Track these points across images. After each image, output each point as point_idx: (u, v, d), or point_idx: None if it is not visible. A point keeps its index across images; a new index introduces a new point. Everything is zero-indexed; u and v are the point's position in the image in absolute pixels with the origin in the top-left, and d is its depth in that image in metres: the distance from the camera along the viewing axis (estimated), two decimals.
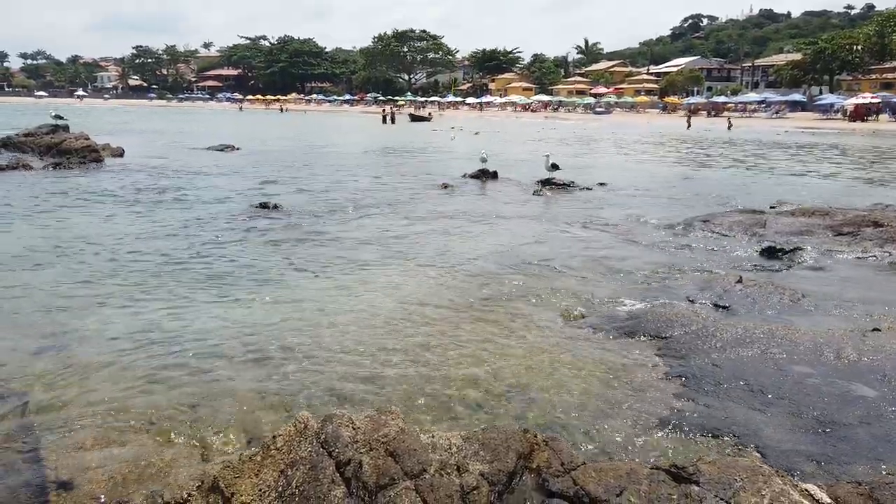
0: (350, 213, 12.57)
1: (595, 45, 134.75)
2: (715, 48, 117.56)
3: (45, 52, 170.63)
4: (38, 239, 9.77)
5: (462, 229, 11.16)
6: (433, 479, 2.96)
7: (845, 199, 15.01)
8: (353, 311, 6.63)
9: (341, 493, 2.95)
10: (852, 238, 9.97)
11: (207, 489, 3.22)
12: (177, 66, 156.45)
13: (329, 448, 3.19)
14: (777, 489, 2.79)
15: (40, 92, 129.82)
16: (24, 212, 11.96)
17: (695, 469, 2.97)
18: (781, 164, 25.14)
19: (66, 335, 5.88)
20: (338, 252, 9.30)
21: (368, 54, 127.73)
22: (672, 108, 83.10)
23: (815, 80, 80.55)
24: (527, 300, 7.10)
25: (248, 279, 7.82)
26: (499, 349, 5.68)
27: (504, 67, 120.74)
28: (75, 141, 20.99)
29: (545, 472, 3.11)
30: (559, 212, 13.27)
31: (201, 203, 13.45)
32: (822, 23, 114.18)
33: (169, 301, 6.90)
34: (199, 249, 9.30)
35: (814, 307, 6.79)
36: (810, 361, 5.31)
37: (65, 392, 4.76)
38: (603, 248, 9.74)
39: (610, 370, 5.27)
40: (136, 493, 3.57)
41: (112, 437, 4.14)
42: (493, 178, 17.95)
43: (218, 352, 5.54)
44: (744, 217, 11.79)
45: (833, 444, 4.09)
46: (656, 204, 14.33)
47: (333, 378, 5.07)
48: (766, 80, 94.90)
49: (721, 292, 7.21)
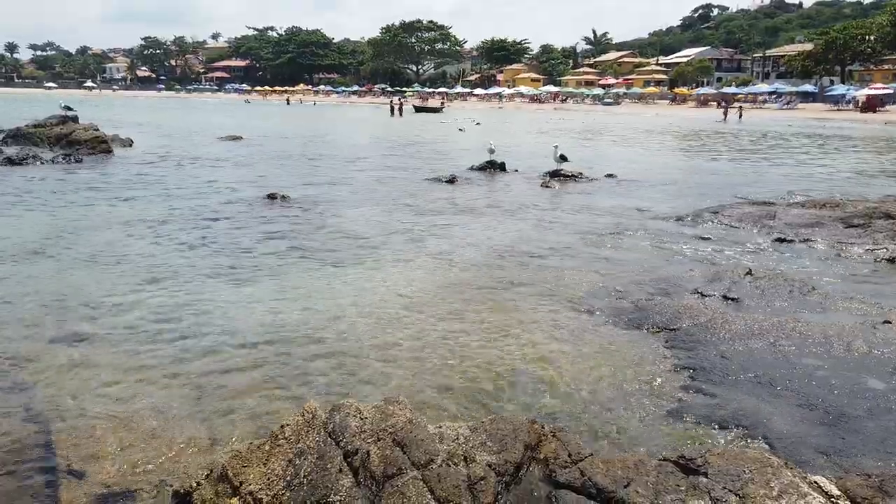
0: (356, 206, 12.57)
1: (604, 35, 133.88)
2: (725, 38, 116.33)
3: (54, 44, 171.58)
4: (44, 226, 9.83)
5: (469, 221, 11.13)
6: (440, 469, 2.97)
7: (856, 191, 14.89)
8: (359, 302, 6.64)
9: (349, 483, 2.96)
10: (863, 230, 9.89)
11: (216, 478, 3.24)
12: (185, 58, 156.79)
13: (337, 438, 3.20)
14: (786, 481, 2.77)
15: (50, 83, 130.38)
16: (34, 201, 12.02)
17: (703, 460, 2.96)
18: (792, 154, 24.94)
19: (77, 324, 5.91)
20: (344, 243, 9.30)
21: (376, 45, 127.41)
22: (682, 99, 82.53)
23: (826, 70, 79.68)
24: (534, 292, 7.08)
25: (256, 270, 7.84)
26: (506, 340, 5.67)
27: (512, 58, 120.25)
28: (85, 132, 21.07)
29: (552, 463, 3.10)
30: (567, 203, 13.22)
31: (209, 193, 13.48)
32: (834, 13, 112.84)
33: (177, 291, 6.92)
34: (207, 241, 9.32)
35: (823, 299, 6.74)
36: (820, 354, 5.28)
37: (76, 382, 4.79)
38: (611, 240, 9.70)
39: (618, 361, 5.26)
40: (145, 481, 3.60)
41: (122, 426, 4.17)
42: (500, 169, 17.88)
43: (226, 341, 5.56)
44: (754, 209, 11.71)
45: (842, 437, 4.07)
46: (665, 195, 14.25)
47: (341, 368, 5.08)
48: (778, 70, 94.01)
49: (730, 284, 7.17)
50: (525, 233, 10.21)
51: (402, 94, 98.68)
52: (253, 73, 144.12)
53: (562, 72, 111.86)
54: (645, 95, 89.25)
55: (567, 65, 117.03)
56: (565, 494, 2.94)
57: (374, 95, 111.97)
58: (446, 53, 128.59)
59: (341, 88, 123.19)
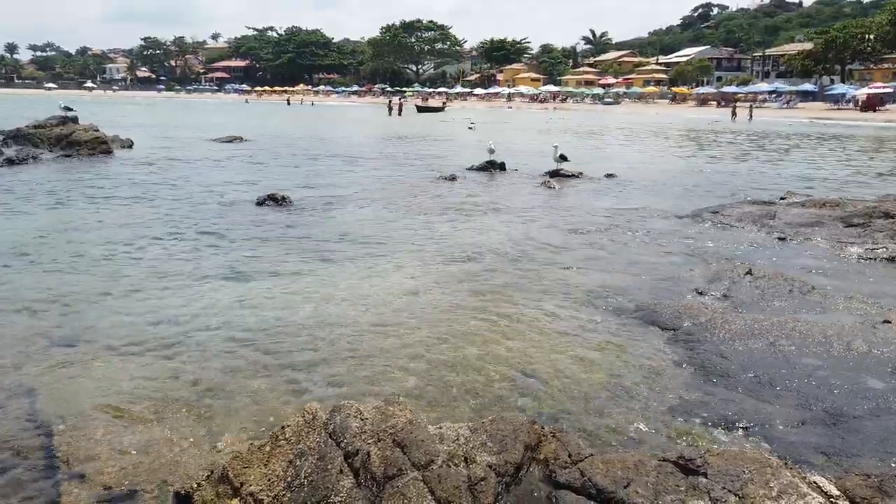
0: (357, 206, 12.57)
1: (604, 34, 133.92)
2: (725, 38, 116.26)
3: (54, 44, 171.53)
4: (42, 227, 9.83)
5: (469, 221, 11.14)
6: (441, 470, 2.97)
7: (856, 190, 14.89)
8: (359, 302, 6.64)
9: (349, 484, 2.97)
10: (863, 229, 9.89)
11: (217, 479, 3.25)
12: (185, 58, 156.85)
13: (337, 439, 3.21)
14: (786, 481, 2.78)
15: (49, 84, 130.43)
16: (33, 202, 12.03)
17: (703, 461, 2.97)
18: (792, 154, 24.94)
19: (77, 326, 5.92)
20: (345, 244, 9.31)
21: (376, 45, 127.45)
22: (681, 99, 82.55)
23: (826, 69, 79.66)
24: (534, 291, 7.09)
25: (256, 271, 7.84)
26: (507, 340, 5.68)
27: (512, 58, 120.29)
28: (85, 133, 21.05)
29: (552, 464, 3.11)
30: (567, 203, 13.23)
31: (210, 194, 13.49)
32: (834, 12, 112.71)
33: (177, 292, 6.93)
34: (208, 242, 9.33)
35: (823, 299, 6.75)
36: (819, 353, 5.28)
37: (75, 383, 4.79)
38: (611, 240, 9.71)
39: (618, 361, 5.27)
40: (146, 482, 3.60)
41: (122, 427, 4.18)
42: (500, 169, 17.89)
43: (226, 342, 5.57)
44: (753, 208, 11.72)
45: (842, 437, 4.07)
46: (665, 195, 14.26)
47: (341, 368, 5.09)
48: (777, 69, 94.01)
49: (730, 284, 7.18)
50: (525, 232, 10.21)
51: (402, 93, 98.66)
52: (253, 74, 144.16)
53: (562, 71, 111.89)
54: (645, 95, 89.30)
55: (567, 64, 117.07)
56: (565, 495, 2.95)
57: (373, 95, 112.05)
58: (446, 53, 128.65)
59: (341, 88, 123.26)
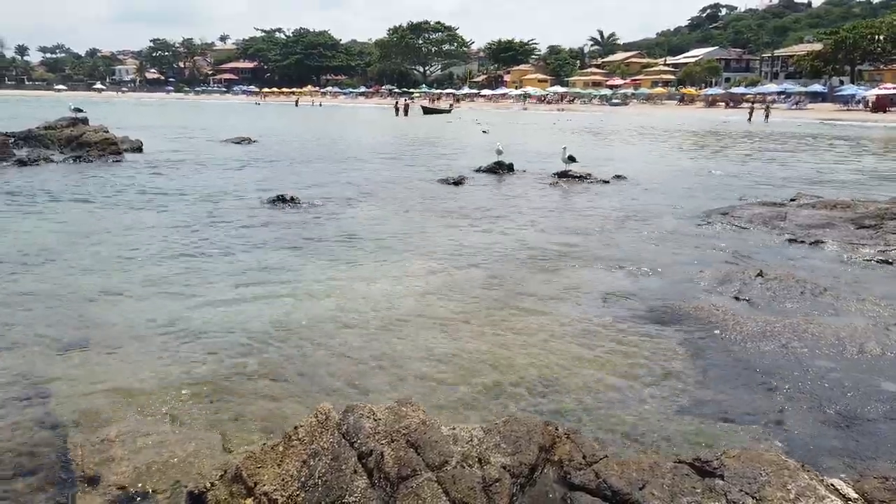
0: (366, 207, 12.59)
1: (611, 35, 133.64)
2: (734, 38, 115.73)
3: (63, 46, 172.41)
4: (55, 230, 9.89)
5: (478, 223, 11.13)
6: (455, 470, 2.97)
7: (868, 192, 14.79)
8: (370, 303, 6.65)
9: (363, 484, 2.97)
10: (875, 231, 9.82)
11: (230, 479, 3.25)
12: (193, 59, 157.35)
13: (351, 439, 3.20)
14: (803, 484, 2.76)
15: (59, 85, 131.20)
16: (45, 204, 12.10)
17: (719, 463, 2.95)
18: (802, 156, 24.81)
19: (90, 328, 5.94)
20: (354, 245, 9.32)
21: (383, 46, 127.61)
22: (690, 100, 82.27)
23: (836, 70, 79.18)
24: (544, 293, 7.07)
25: (266, 272, 7.86)
26: (518, 341, 5.67)
27: (519, 59, 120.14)
28: (94, 134, 21.15)
29: (567, 465, 3.10)
30: (576, 204, 13.20)
31: (219, 195, 13.52)
32: (843, 12, 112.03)
33: (188, 294, 6.95)
34: (217, 243, 9.36)
35: (835, 300, 6.71)
36: (832, 355, 5.25)
37: (88, 386, 4.81)
38: (620, 242, 9.68)
39: (631, 362, 5.25)
40: (160, 483, 3.61)
41: (136, 429, 4.19)
42: (509, 170, 17.87)
43: (238, 343, 5.58)
44: (764, 210, 11.66)
45: (856, 439, 4.05)
46: (675, 196, 14.20)
47: (353, 369, 5.09)
48: (786, 70, 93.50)
49: (741, 285, 7.15)
50: (535, 234, 10.19)
51: (409, 95, 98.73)
52: (261, 75, 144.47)
53: (569, 72, 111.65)
54: (653, 96, 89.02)
55: (574, 65, 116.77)
56: (580, 496, 2.94)
57: (381, 97, 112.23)
58: (453, 54, 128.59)
59: (349, 90, 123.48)
